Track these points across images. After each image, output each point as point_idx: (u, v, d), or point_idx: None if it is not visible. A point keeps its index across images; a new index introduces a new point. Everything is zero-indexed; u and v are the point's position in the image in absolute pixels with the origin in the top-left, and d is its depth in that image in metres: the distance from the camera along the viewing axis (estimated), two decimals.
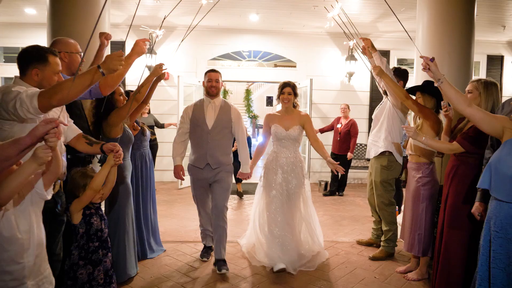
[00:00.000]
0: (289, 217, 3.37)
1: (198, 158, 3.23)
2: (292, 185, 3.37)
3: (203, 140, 3.21)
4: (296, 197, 3.41)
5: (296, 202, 3.42)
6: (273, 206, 3.34)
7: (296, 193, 3.39)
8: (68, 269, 1.98)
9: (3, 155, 1.41)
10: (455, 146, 2.59)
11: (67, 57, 2.42)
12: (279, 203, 3.33)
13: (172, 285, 2.97)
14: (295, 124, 3.39)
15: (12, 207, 1.43)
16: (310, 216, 3.55)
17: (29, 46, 2.02)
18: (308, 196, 3.55)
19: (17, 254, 1.44)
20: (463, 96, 2.11)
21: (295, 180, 3.37)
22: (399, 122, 3.47)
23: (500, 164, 1.82)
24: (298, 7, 6.06)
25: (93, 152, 2.23)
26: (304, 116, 3.47)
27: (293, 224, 3.40)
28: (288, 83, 3.41)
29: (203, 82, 3.33)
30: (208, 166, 3.22)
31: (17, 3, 6.12)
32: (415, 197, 3.11)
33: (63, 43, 2.47)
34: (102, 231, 2.09)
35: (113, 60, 1.93)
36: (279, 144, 3.44)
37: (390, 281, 3.10)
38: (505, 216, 1.79)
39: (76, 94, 1.90)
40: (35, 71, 1.97)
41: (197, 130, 3.22)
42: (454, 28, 3.90)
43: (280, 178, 3.37)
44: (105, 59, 1.97)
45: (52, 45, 2.46)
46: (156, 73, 2.84)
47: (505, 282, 1.77)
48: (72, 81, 1.83)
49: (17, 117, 1.84)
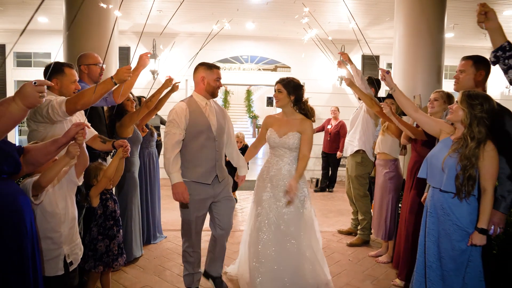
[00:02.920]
0: (276, 247, 2.71)
1: (204, 172, 2.62)
2: (282, 205, 2.75)
3: (210, 149, 2.65)
4: (291, 222, 2.74)
5: (290, 229, 2.74)
6: (257, 231, 2.79)
7: (290, 218, 2.74)
8: (88, 243, 2.46)
9: (45, 151, 1.87)
10: (420, 131, 2.99)
11: (86, 68, 2.92)
12: (265, 227, 2.75)
13: (172, 264, 3.45)
14: (292, 130, 2.79)
15: (52, 188, 1.91)
16: (310, 248, 2.80)
17: (50, 63, 2.56)
18: (309, 221, 2.85)
19: (56, 225, 1.93)
20: (411, 102, 2.56)
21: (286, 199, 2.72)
22: (372, 125, 3.95)
23: (434, 158, 2.28)
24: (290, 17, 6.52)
25: (107, 148, 2.70)
26: (306, 123, 2.81)
27: (279, 259, 2.71)
28: (281, 79, 2.85)
29: (202, 78, 2.66)
30: (216, 180, 2.69)
31: (31, 12, 6.61)
32: (383, 189, 3.58)
33: (83, 57, 2.99)
34: (115, 212, 2.58)
35: (123, 72, 2.45)
36: (273, 153, 2.90)
37: (362, 263, 3.57)
38: (437, 200, 2.25)
39: (96, 99, 2.40)
40: (55, 81, 2.48)
41: (200, 138, 2.61)
42: (426, 38, 4.35)
43: (269, 194, 2.80)
44: (116, 71, 2.47)
45: (78, 59, 2.99)
46: (166, 86, 3.30)
47: (436, 252, 2.23)
48: (92, 90, 2.32)
49: (50, 120, 2.34)
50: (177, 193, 2.52)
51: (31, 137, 2.38)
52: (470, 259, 2.15)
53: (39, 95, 1.51)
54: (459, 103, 2.16)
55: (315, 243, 2.86)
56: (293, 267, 2.72)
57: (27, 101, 1.50)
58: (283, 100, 2.82)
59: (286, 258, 2.71)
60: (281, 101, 2.83)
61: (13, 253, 1.52)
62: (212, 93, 2.71)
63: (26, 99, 1.50)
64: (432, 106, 3.01)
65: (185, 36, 7.74)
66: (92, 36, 4.27)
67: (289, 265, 2.71)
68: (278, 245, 2.72)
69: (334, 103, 7.46)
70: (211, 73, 2.66)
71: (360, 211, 4.07)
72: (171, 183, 2.53)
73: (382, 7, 5.99)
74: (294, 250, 2.73)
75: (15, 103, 1.50)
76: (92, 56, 2.98)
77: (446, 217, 2.19)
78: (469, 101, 2.12)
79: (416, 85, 4.31)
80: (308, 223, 2.84)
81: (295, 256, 2.73)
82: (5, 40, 7.70)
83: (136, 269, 3.32)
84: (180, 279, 2.97)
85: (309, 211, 2.87)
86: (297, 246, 2.74)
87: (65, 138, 1.84)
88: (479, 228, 2.08)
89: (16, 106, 1.50)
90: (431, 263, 2.23)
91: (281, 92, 2.81)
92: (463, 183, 2.11)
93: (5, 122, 1.49)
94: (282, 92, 2.81)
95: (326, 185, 7.02)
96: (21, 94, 1.49)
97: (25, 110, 1.54)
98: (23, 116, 1.56)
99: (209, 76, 2.65)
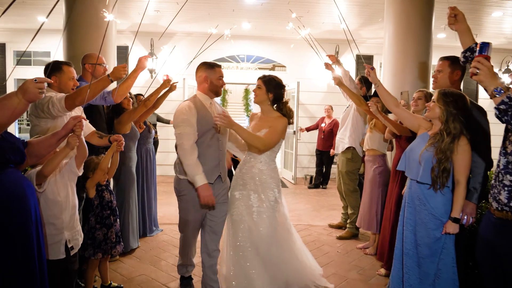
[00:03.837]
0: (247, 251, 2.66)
1: (208, 171, 2.53)
2: (253, 204, 2.70)
3: (214, 148, 2.62)
4: (260, 223, 2.66)
5: (260, 230, 2.65)
6: (228, 230, 2.77)
7: (258, 220, 2.66)
8: (87, 232, 2.61)
9: (46, 144, 2.01)
10: (405, 127, 3.10)
11: (91, 67, 3.08)
12: (234, 227, 2.73)
13: (168, 255, 3.60)
14: (264, 127, 2.72)
15: (54, 178, 2.06)
16: (282, 249, 2.75)
17: (50, 62, 2.73)
18: (281, 224, 2.76)
19: (58, 212, 2.08)
20: (393, 98, 2.70)
21: (256, 200, 2.69)
22: (362, 123, 4.11)
23: (412, 152, 2.43)
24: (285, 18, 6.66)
25: (103, 143, 2.85)
26: (279, 119, 2.73)
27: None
28: (263, 75, 2.80)
29: (205, 78, 2.62)
30: (219, 180, 2.65)
31: (30, 11, 6.74)
32: (372, 183, 3.74)
33: (87, 56, 3.18)
34: (112, 202, 2.72)
35: (119, 70, 2.62)
36: (248, 150, 2.83)
37: (349, 255, 3.73)
38: (414, 191, 2.40)
39: (93, 96, 2.56)
40: (54, 78, 2.65)
41: (207, 137, 2.57)
42: (414, 39, 4.50)
43: (238, 193, 2.76)
44: (112, 69, 2.64)
45: (82, 59, 3.19)
46: (164, 86, 3.45)
47: (412, 240, 2.38)
48: (89, 87, 2.46)
49: (50, 115, 2.49)
50: (206, 196, 2.42)
51: (33, 132, 2.53)
52: (444, 246, 2.30)
53: (38, 91, 1.67)
54: (436, 101, 2.31)
55: (287, 245, 2.78)
56: (264, 272, 2.67)
57: (27, 96, 1.66)
58: (261, 97, 2.75)
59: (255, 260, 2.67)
60: (258, 97, 2.77)
61: (20, 236, 1.66)
62: (216, 92, 2.67)
63: (27, 94, 1.65)
64: (416, 104, 3.16)
65: (183, 35, 7.88)
66: (90, 36, 4.41)
67: (260, 271, 2.66)
68: (251, 247, 2.67)
69: (329, 102, 7.62)
70: (213, 72, 2.63)
71: (349, 205, 4.23)
72: (197, 186, 2.42)
73: (375, 8, 6.15)
74: (259, 252, 2.66)
75: (17, 97, 1.66)
76: (93, 55, 3.15)
77: (422, 207, 2.34)
78: (445, 99, 2.27)
79: (405, 83, 4.47)
80: (280, 226, 2.74)
81: (254, 260, 2.66)
82: (6, 39, 7.84)
83: (132, 259, 3.47)
84: (174, 268, 3.11)
85: (281, 214, 2.77)
86: (264, 250, 2.66)
87: (64, 131, 1.97)
88: (452, 218, 2.23)
89: (17, 99, 1.66)
90: (408, 250, 2.39)
91: (260, 88, 2.75)
92: (438, 175, 2.26)
93: (7, 113, 1.64)
94: (261, 88, 2.74)
95: (320, 181, 7.18)
96: (23, 89, 1.65)
97: (25, 104, 1.69)
98: (23, 109, 1.71)
99: (212, 75, 2.62)
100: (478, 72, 1.65)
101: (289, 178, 7.85)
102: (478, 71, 1.65)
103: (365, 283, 3.12)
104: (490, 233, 1.88)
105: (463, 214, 2.27)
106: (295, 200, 6.09)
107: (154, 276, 3.14)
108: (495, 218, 1.85)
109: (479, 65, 1.65)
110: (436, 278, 2.32)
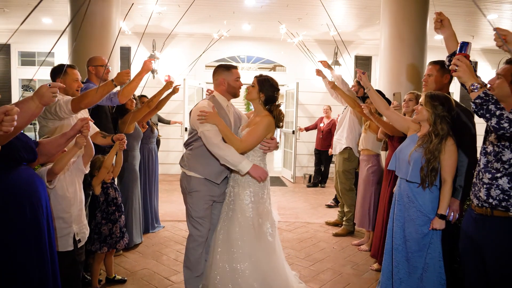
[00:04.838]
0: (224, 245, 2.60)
1: (217, 172, 2.57)
2: (232, 200, 2.65)
3: None
4: (235, 219, 2.60)
5: (236, 227, 2.59)
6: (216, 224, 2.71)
7: (234, 215, 2.61)
8: (94, 227, 2.75)
9: (56, 143, 2.14)
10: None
11: (94, 69, 3.20)
12: (219, 221, 2.69)
13: (169, 250, 3.73)
14: (250, 126, 2.69)
15: (63, 175, 2.20)
16: (254, 257, 2.56)
17: (55, 66, 2.90)
18: (256, 230, 2.59)
19: (67, 207, 2.22)
20: (383, 101, 2.83)
21: (236, 195, 2.63)
22: (358, 124, 4.24)
23: (401, 153, 2.56)
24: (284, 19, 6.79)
25: (107, 143, 2.98)
26: (265, 118, 2.61)
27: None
28: (259, 75, 2.75)
29: (223, 80, 2.65)
30: (225, 180, 2.68)
31: (35, 13, 6.89)
32: (366, 182, 3.87)
33: (92, 59, 3.31)
34: (117, 199, 2.86)
35: (123, 76, 2.77)
36: None
37: (344, 251, 3.86)
38: (403, 189, 2.52)
39: (98, 99, 2.69)
40: (59, 80, 2.75)
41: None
42: (409, 41, 4.63)
43: (223, 188, 2.71)
44: (117, 75, 2.78)
45: (87, 62, 3.32)
46: (166, 88, 3.59)
47: (401, 236, 2.51)
48: (94, 90, 2.60)
49: (57, 117, 2.62)
50: (260, 173, 2.46)
51: (42, 132, 2.67)
52: (431, 241, 2.42)
53: (52, 95, 1.80)
54: (423, 104, 2.43)
55: (262, 253, 2.59)
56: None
57: (42, 100, 1.79)
58: (252, 95, 2.70)
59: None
60: (249, 94, 2.73)
61: (32, 228, 1.80)
62: (234, 94, 2.71)
63: (42, 98, 1.79)
64: (407, 105, 3.29)
65: (184, 36, 8.01)
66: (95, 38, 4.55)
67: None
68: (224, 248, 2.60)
69: (328, 102, 7.71)
70: (230, 74, 2.66)
71: (346, 203, 4.36)
72: (246, 171, 2.42)
73: (373, 11, 6.27)
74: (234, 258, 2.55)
75: (33, 101, 1.79)
76: (99, 59, 3.28)
77: (411, 204, 2.46)
78: (432, 102, 2.39)
79: (398, 85, 4.59)
80: (255, 231, 2.59)
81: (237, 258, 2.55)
82: (11, 40, 7.96)
83: (135, 254, 3.61)
84: (176, 262, 3.26)
85: (256, 220, 2.61)
86: (239, 253, 2.56)
87: (72, 131, 2.10)
88: (439, 214, 2.36)
89: (34, 103, 1.79)
90: (398, 246, 2.51)
91: (253, 87, 2.71)
92: (427, 174, 2.38)
93: (26, 117, 1.77)
94: (254, 87, 2.70)
95: (318, 180, 7.31)
96: (39, 94, 1.79)
97: (40, 107, 1.82)
98: (39, 112, 1.85)
99: (229, 77, 2.66)
100: (457, 69, 1.79)
101: (288, 177, 7.98)
102: (457, 68, 1.79)
103: (358, 278, 3.25)
104: (471, 227, 2.01)
105: (449, 211, 2.39)
106: (294, 199, 6.23)
107: (156, 270, 3.28)
108: (476, 214, 1.98)
109: (458, 63, 1.79)
110: (423, 272, 2.44)
